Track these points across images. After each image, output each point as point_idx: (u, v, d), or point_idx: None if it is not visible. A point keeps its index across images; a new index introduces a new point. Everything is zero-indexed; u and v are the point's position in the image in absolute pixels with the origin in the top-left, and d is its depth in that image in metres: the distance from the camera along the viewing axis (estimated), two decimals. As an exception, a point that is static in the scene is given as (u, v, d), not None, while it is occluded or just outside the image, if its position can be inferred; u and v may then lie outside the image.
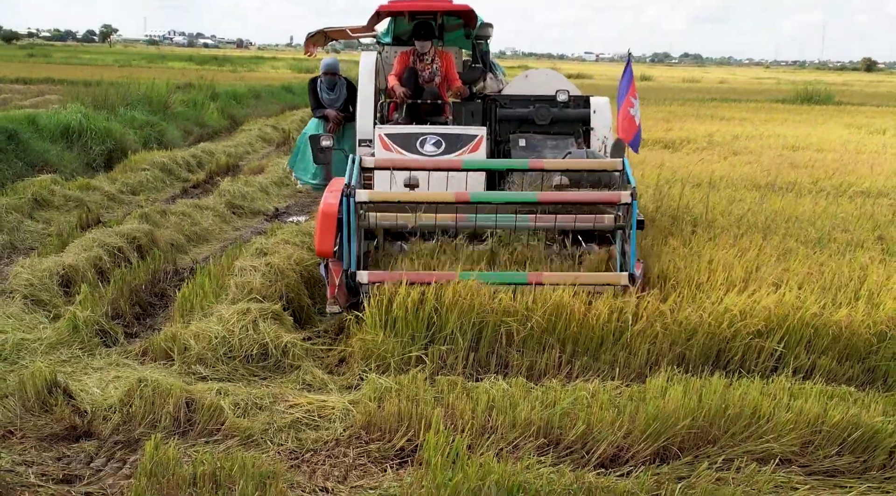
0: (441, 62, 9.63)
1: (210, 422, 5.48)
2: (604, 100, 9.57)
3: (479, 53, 10.58)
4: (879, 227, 9.23)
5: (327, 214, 6.88)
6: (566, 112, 9.41)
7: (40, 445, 5.35)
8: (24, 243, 10.75)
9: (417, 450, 5.20)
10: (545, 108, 9.35)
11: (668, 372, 5.95)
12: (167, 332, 6.84)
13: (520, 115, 9.43)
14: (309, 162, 10.35)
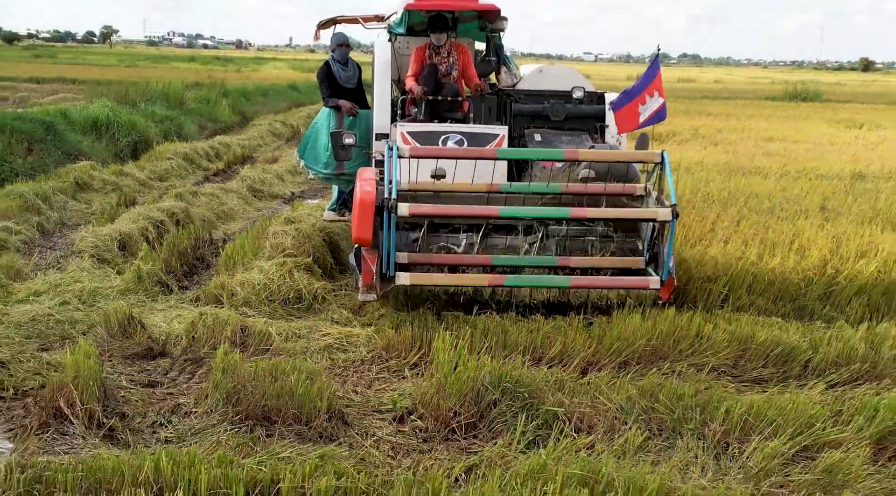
0: (458, 56, 9.29)
1: (261, 344, 6.82)
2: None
3: (493, 46, 10.14)
4: (827, 201, 10.57)
5: (365, 203, 6.95)
6: (581, 108, 9.32)
7: (125, 362, 6.68)
8: (70, 220, 12.08)
9: (428, 364, 6.52)
10: (560, 104, 9.28)
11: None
12: (216, 282, 8.20)
13: (534, 111, 9.30)
14: (320, 151, 9.76)
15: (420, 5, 9.05)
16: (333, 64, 9.79)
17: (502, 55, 10.13)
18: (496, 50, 10.11)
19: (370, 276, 7.06)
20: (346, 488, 4.30)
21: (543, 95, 9.40)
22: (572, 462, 4.46)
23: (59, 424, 5.46)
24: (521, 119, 9.36)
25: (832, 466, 4.79)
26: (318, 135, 9.74)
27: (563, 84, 9.49)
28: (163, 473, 4.33)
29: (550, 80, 9.61)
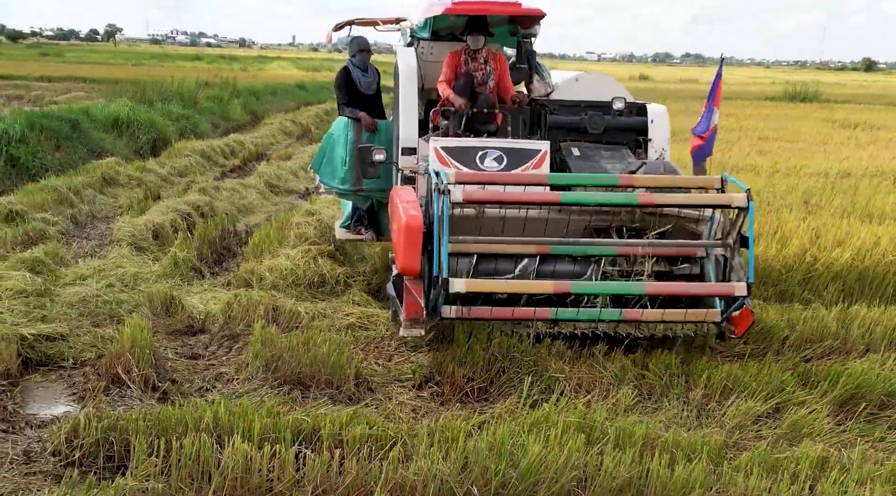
0: (494, 64, 8.51)
1: (291, 321, 7.55)
2: (661, 108, 8.72)
3: (524, 52, 9.48)
4: (812, 196, 11.29)
5: (412, 228, 6.20)
6: (621, 120, 8.51)
7: (169, 337, 7.42)
8: (100, 213, 12.83)
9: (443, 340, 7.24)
10: (599, 115, 8.47)
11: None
12: (245, 267, 8.94)
13: (571, 123, 8.54)
14: (337, 166, 8.87)
15: (459, 10, 8.09)
16: (353, 69, 9.06)
17: (534, 62, 9.44)
18: (528, 56, 9.48)
19: (414, 309, 6.39)
20: (377, 435, 5.03)
21: (580, 106, 8.65)
22: (571, 414, 5.20)
23: (119, 388, 6.20)
24: (557, 131, 8.57)
25: (796, 422, 5.52)
26: (335, 147, 8.94)
27: (601, 94, 8.72)
28: (221, 421, 5.06)
29: (587, 90, 8.86)
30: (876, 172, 14.45)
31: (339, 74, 9.15)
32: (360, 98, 8.99)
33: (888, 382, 6.06)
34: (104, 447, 5.07)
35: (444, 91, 8.27)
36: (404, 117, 8.09)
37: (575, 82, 8.93)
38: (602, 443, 4.91)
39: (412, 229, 6.21)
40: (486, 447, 4.75)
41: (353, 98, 8.97)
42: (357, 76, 9.02)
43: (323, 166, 9.05)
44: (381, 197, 8.67)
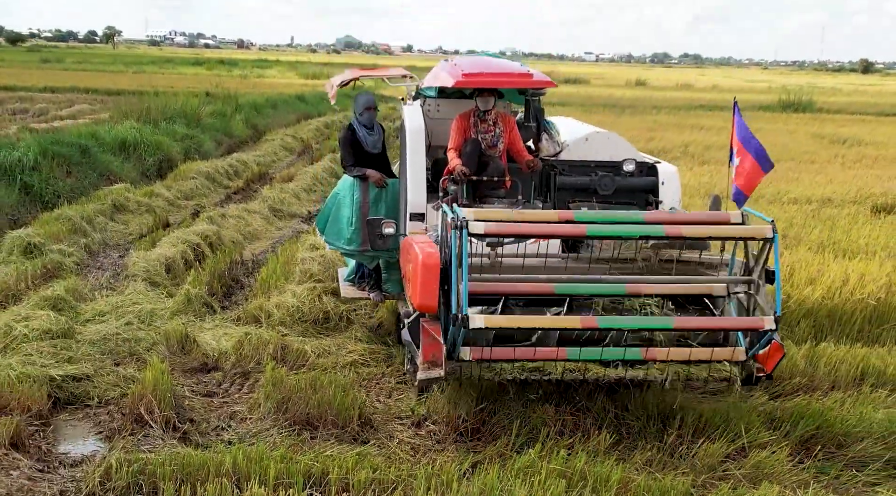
0: (503, 127, 8.36)
1: (298, 360, 8.13)
2: (672, 169, 8.61)
3: (533, 110, 9.44)
4: (791, 228, 11.87)
5: (429, 266, 6.13)
6: (631, 181, 8.35)
7: (185, 375, 8.00)
8: (112, 240, 13.42)
9: (438, 377, 7.82)
10: (609, 177, 8.27)
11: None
12: (254, 304, 9.52)
13: (580, 184, 8.29)
14: (343, 227, 8.77)
15: (471, 82, 8.04)
16: (359, 128, 8.86)
17: (543, 121, 9.39)
18: (536, 114, 9.44)
19: (432, 351, 6.25)
20: (380, 478, 5.61)
21: (590, 166, 8.47)
22: (554, 460, 5.78)
23: (142, 428, 6.77)
24: (566, 192, 8.31)
25: (759, 463, 6.10)
26: (341, 207, 8.82)
27: (611, 153, 8.60)
28: (239, 467, 5.64)
29: (597, 149, 8.69)
30: (857, 198, 15.03)
31: (344, 133, 8.94)
32: (365, 158, 8.84)
33: (845, 423, 6.63)
34: (134, 489, 5.65)
35: (453, 160, 8.08)
36: (412, 182, 7.97)
37: (585, 142, 8.74)
38: (581, 487, 5.49)
39: (429, 266, 6.14)
40: (478, 492, 5.33)
41: (359, 158, 8.83)
42: (363, 136, 8.86)
43: (328, 226, 8.96)
44: (388, 257, 8.56)
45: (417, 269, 6.20)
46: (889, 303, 8.96)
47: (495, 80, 8.16)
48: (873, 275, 9.33)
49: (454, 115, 8.57)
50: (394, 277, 8.56)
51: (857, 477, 6.16)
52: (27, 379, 7.20)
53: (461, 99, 9.11)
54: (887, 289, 9.07)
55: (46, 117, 29.95)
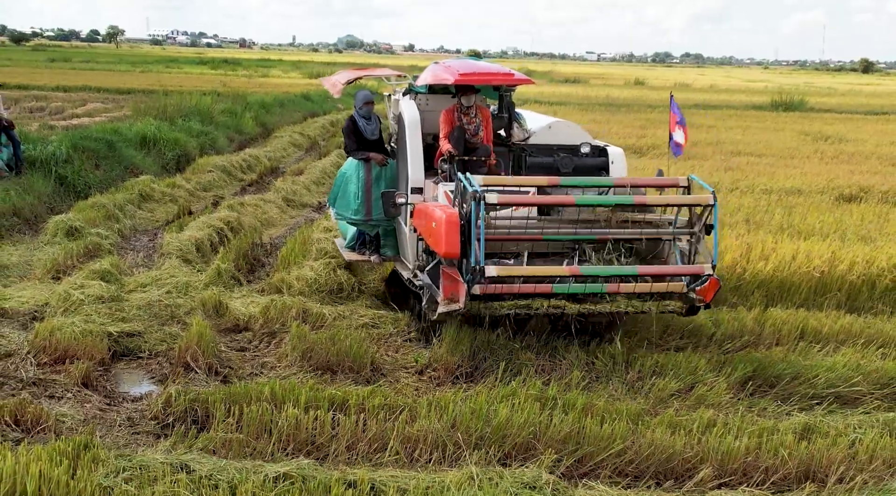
0: (482, 117, 9.93)
1: (318, 321, 9.44)
2: (619, 151, 10.16)
3: (505, 103, 10.88)
4: (756, 214, 13.18)
5: (452, 222, 7.61)
6: (586, 161, 9.93)
7: (220, 334, 9.30)
8: (140, 226, 14.75)
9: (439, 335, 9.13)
10: (569, 157, 9.85)
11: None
12: (276, 277, 10.84)
13: (546, 164, 9.83)
14: (350, 200, 10.38)
15: (467, 80, 9.49)
16: (359, 119, 10.46)
17: (513, 112, 10.87)
18: (508, 107, 10.88)
19: (451, 290, 7.65)
20: (390, 404, 6.92)
21: (552, 149, 10.06)
22: (531, 389, 7.10)
23: (188, 373, 8.08)
24: (534, 171, 9.74)
25: (701, 396, 7.42)
26: (348, 184, 10.47)
27: (570, 138, 10.22)
28: (276, 394, 6.95)
29: (558, 135, 10.31)
30: (824, 189, 16.31)
31: (347, 124, 10.56)
32: (365, 143, 10.48)
33: (776, 367, 7.94)
34: (190, 413, 6.96)
35: (444, 145, 9.61)
36: (412, 161, 9.59)
37: (548, 129, 10.42)
38: (551, 408, 6.80)
39: (452, 222, 7.66)
40: (469, 411, 6.64)
41: (361, 144, 10.46)
42: (363, 125, 10.48)
43: (338, 201, 10.64)
44: (386, 225, 10.41)
45: (442, 225, 7.66)
46: (832, 275, 10.26)
47: (486, 79, 9.80)
48: (820, 252, 10.63)
49: (440, 108, 10.14)
50: (389, 243, 10.49)
51: (782, 407, 7.48)
52: (89, 334, 8.51)
53: (445, 95, 10.59)
54: (830, 263, 10.36)
55: (63, 115, 31.20)
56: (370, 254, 10.69)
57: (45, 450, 5.84)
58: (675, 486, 6.26)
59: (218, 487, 5.63)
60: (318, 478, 5.78)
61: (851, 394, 7.74)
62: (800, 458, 6.40)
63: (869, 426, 6.92)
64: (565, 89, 53.85)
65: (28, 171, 15.74)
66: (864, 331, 9.16)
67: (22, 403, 6.86)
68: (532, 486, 5.81)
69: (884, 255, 10.61)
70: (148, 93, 43.30)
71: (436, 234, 7.87)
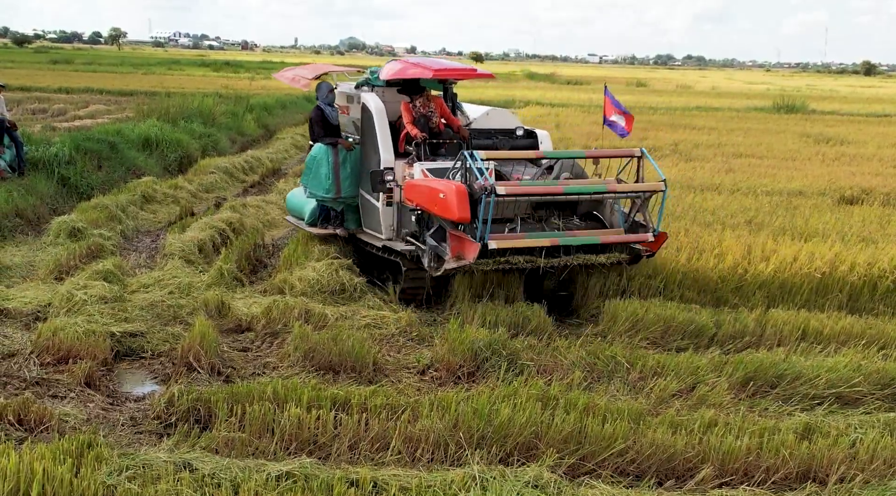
0: (435, 104, 11.34)
1: (320, 322, 9.45)
2: (545, 133, 11.73)
3: (449, 94, 12.09)
4: (759, 215, 13.20)
5: (462, 192, 9.07)
6: (520, 142, 11.48)
7: (222, 334, 9.32)
8: (143, 227, 14.79)
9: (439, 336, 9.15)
10: (506, 139, 11.42)
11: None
12: (279, 277, 10.86)
13: (487, 145, 11.18)
14: (322, 179, 11.51)
15: (442, 74, 11.15)
16: (325, 107, 11.74)
17: (456, 102, 12.25)
18: (452, 97, 12.14)
19: (458, 250, 9.22)
20: (392, 403, 6.93)
21: (492, 133, 11.58)
22: (533, 388, 7.11)
23: (190, 372, 8.10)
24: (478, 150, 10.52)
25: (702, 396, 7.43)
26: (319, 167, 11.55)
27: (505, 123, 11.96)
28: (278, 394, 6.97)
29: (495, 121, 11.96)
30: (826, 191, 16.32)
31: (315, 114, 11.82)
32: (331, 129, 11.76)
33: (778, 367, 7.95)
34: (193, 413, 6.98)
35: (413, 130, 10.94)
36: (383, 145, 10.89)
37: (486, 116, 12.02)
38: (553, 407, 6.81)
39: (461, 191, 9.15)
40: (471, 411, 6.66)
41: (327, 129, 11.73)
42: (329, 113, 11.77)
43: (310, 181, 11.77)
44: (351, 202, 11.60)
45: (453, 195, 9.14)
46: (833, 276, 10.27)
47: (457, 73, 11.52)
48: (821, 253, 10.63)
49: (394, 99, 11.52)
50: (351, 217, 11.75)
51: (783, 407, 7.49)
52: (92, 334, 8.53)
53: (397, 87, 11.75)
54: (832, 264, 10.37)
55: (66, 117, 31.23)
56: (335, 227, 11.80)
57: (48, 449, 5.86)
58: (676, 486, 6.28)
59: (221, 486, 5.66)
60: (321, 476, 5.80)
61: (852, 395, 7.74)
62: (801, 458, 6.41)
63: (870, 426, 6.93)
64: (566, 92, 53.83)
65: (31, 173, 15.78)
66: (866, 331, 9.15)
67: (25, 403, 6.89)
68: (534, 485, 5.82)
69: (885, 257, 10.61)
70: (150, 94, 43.34)
71: (445, 203, 9.23)
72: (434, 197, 9.50)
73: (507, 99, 47.59)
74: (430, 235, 9.77)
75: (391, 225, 10.84)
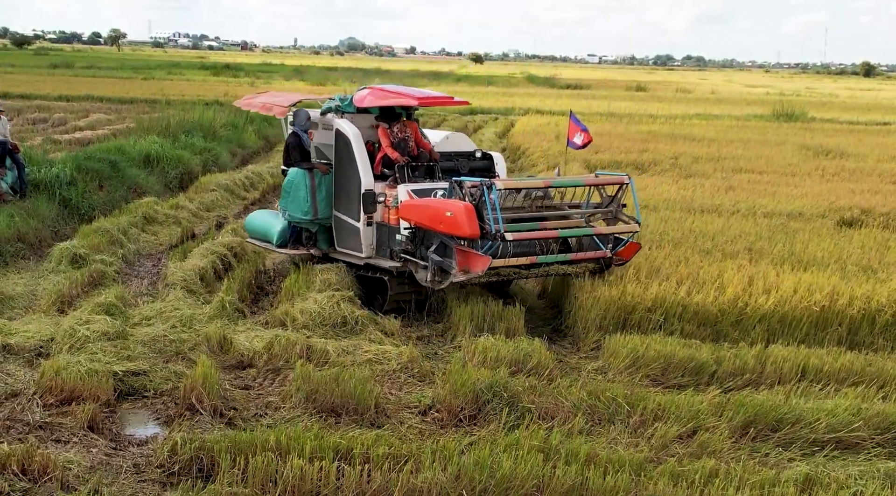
0: (409, 129, 12.23)
1: (321, 358, 9.48)
2: (500, 155, 12.88)
3: (412, 119, 12.78)
4: (758, 241, 13.24)
5: (470, 209, 10.00)
6: (477, 164, 12.47)
7: (224, 371, 9.36)
8: (144, 250, 14.84)
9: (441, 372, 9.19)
10: (465, 161, 12.42)
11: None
12: (280, 309, 10.90)
13: (450, 167, 12.09)
14: (300, 202, 12.14)
15: (426, 103, 12.76)
16: (301, 134, 12.43)
17: (419, 127, 12.84)
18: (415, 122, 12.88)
19: (465, 264, 10.12)
20: (395, 453, 6.97)
21: (451, 155, 12.46)
22: (534, 439, 7.15)
23: (193, 414, 8.13)
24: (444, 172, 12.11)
25: (704, 442, 7.47)
26: (297, 191, 12.20)
27: (464, 147, 12.91)
28: (281, 443, 7.00)
29: (453, 144, 12.85)
30: (826, 212, 16.35)
31: (293, 140, 12.50)
32: (305, 153, 12.46)
33: (779, 410, 7.98)
34: (196, 462, 7.01)
35: (393, 154, 11.81)
36: (363, 169, 11.64)
37: (446, 140, 12.93)
38: (555, 459, 6.85)
39: (470, 209, 10.07)
40: (473, 463, 6.69)
41: (303, 154, 12.43)
42: (305, 139, 12.46)
43: (289, 204, 12.36)
44: (326, 223, 12.28)
45: (462, 213, 10.02)
46: (832, 309, 10.30)
47: (438, 102, 13.29)
48: (820, 286, 10.67)
49: (364, 124, 12.24)
50: (323, 237, 12.43)
51: (783, 454, 7.53)
52: (95, 374, 8.55)
53: (367, 114, 12.44)
54: (831, 297, 10.41)
55: (66, 127, 31.25)
56: (308, 248, 12.52)
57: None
58: (677, 539, 6.32)
59: (224, 545, 5.69)
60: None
61: (852, 439, 7.78)
62: (801, 511, 6.46)
63: (870, 477, 6.95)
64: (566, 100, 53.84)
65: (32, 195, 15.82)
66: (865, 369, 9.19)
67: (29, 452, 6.89)
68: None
69: (884, 289, 10.65)
70: (151, 102, 43.56)
71: (455, 220, 10.07)
72: (440, 215, 10.26)
73: (506, 107, 47.75)
74: (432, 252, 10.50)
75: (371, 243, 11.63)
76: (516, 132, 32.59)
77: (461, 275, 10.20)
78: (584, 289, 10.85)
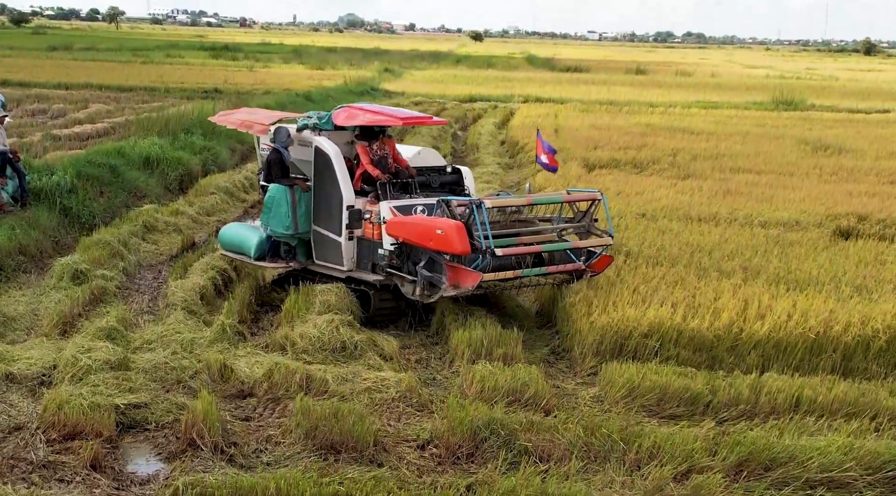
0: (388, 146, 12.70)
1: (321, 387, 9.59)
2: (468, 169, 13.46)
3: (385, 135, 13.13)
4: (754, 257, 13.33)
5: (461, 227, 10.53)
6: (447, 178, 13.11)
7: (225, 400, 9.47)
8: (145, 261, 14.95)
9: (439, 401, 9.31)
10: (436, 175, 13.03)
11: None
12: (280, 333, 11.01)
13: (422, 181, 12.66)
14: (282, 217, 12.47)
15: (409, 122, 13.12)
16: (283, 151, 12.67)
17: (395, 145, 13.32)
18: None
19: (455, 279, 10.71)
20: (393, 501, 7.10)
21: (423, 170, 13.00)
22: (531, 485, 7.27)
23: (194, 451, 8.25)
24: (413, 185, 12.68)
25: (699, 484, 7.59)
26: (279, 206, 12.52)
27: (434, 162, 13.50)
28: (281, 490, 7.12)
29: (424, 159, 13.37)
30: (822, 220, 16.41)
31: (274, 155, 12.77)
32: (285, 169, 12.77)
33: (772, 450, 8.10)
34: (198, 507, 7.14)
35: (374, 171, 12.17)
36: (344, 185, 12.08)
37: (418, 155, 13.41)
38: (551, 507, 6.99)
39: (460, 227, 10.59)
40: (470, 511, 6.83)
41: (285, 171, 12.74)
42: (286, 156, 12.72)
43: (270, 220, 12.66)
44: (305, 237, 12.69)
45: (453, 231, 10.51)
46: (827, 335, 10.40)
47: (419, 121, 13.52)
48: (816, 310, 10.76)
49: (341, 141, 12.72)
50: (301, 251, 12.85)
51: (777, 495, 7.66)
52: (97, 408, 8.66)
53: (344, 131, 12.93)
54: (825, 323, 10.50)
55: (66, 121, 31.28)
56: (287, 261, 12.92)
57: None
58: None
59: None
60: None
61: (844, 479, 7.89)
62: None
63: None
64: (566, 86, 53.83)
65: (33, 203, 15.90)
66: (858, 400, 9.29)
67: None
68: None
69: (878, 313, 10.73)
70: (150, 90, 43.67)
71: (445, 238, 10.55)
72: (430, 233, 10.78)
73: (505, 94, 47.77)
74: (422, 267, 11.01)
75: (352, 257, 12.12)
76: (514, 125, 32.58)
77: (451, 289, 10.74)
78: (580, 312, 10.94)
